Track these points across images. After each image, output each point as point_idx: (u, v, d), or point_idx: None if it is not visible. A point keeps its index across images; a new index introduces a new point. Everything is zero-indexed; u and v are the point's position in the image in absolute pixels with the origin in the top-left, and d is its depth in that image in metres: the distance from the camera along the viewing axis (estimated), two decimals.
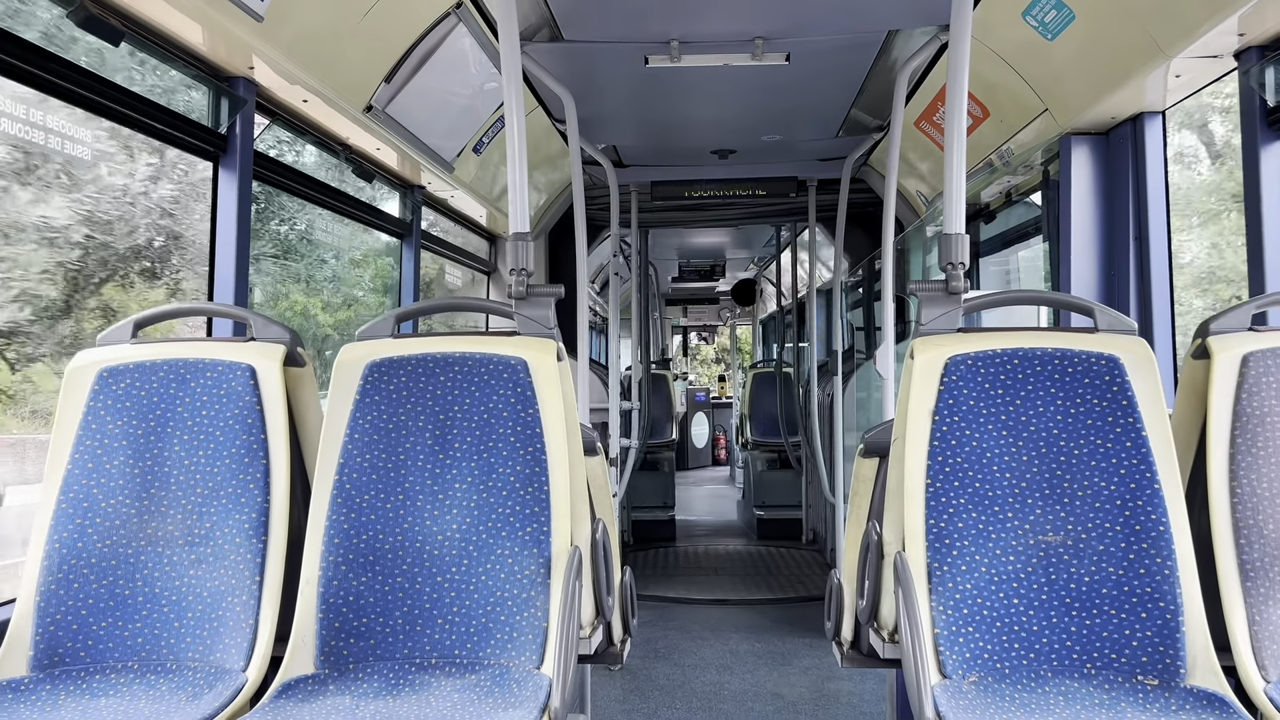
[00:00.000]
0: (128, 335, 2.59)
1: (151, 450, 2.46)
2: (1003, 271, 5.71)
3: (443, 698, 2.11)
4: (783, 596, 6.94)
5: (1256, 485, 2.27)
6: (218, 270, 3.34)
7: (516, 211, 2.69)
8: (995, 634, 2.20)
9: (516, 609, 2.30)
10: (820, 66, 4.77)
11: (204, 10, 2.78)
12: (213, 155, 3.32)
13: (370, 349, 2.51)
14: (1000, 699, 2.06)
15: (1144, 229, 4.02)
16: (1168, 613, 2.17)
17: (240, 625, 2.33)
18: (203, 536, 2.41)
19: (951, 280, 2.50)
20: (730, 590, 7.16)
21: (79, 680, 2.24)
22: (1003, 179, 5.03)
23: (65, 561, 2.38)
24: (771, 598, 6.91)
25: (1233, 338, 2.38)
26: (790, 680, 5.05)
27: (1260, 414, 2.30)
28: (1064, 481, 2.29)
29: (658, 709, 4.65)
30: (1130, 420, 2.29)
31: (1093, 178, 4.20)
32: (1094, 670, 2.17)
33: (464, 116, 4.76)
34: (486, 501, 2.38)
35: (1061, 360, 2.35)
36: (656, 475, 9.51)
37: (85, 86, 2.75)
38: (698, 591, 7.10)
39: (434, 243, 5.60)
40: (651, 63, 4.55)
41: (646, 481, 9.40)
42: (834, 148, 6.46)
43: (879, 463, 2.61)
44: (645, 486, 9.38)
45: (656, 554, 8.70)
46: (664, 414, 10.50)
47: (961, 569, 2.24)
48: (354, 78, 3.71)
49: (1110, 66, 3.62)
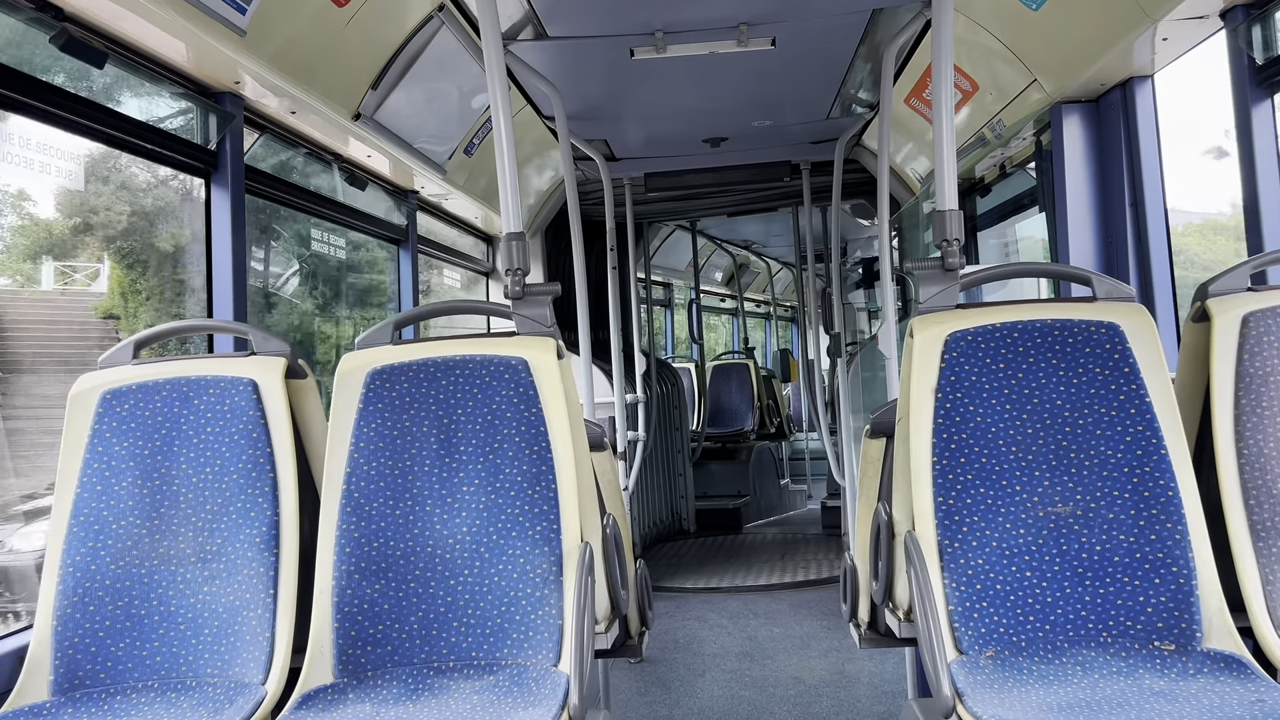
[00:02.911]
0: (129, 356, 2.60)
1: (159, 469, 2.47)
2: (1002, 244, 5.70)
3: (462, 700, 2.12)
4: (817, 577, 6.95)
5: (1263, 445, 2.27)
6: (215, 286, 3.35)
7: (509, 211, 2.68)
8: (1009, 608, 2.20)
9: (531, 608, 2.31)
10: (807, 49, 4.75)
11: (186, 28, 2.78)
12: (204, 172, 3.33)
13: (371, 357, 2.51)
14: (1018, 672, 2.06)
15: (1139, 195, 4.00)
16: (1181, 577, 2.17)
17: (257, 638, 2.34)
18: (214, 552, 2.41)
19: (947, 257, 2.49)
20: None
21: (100, 702, 2.25)
22: (996, 152, 5.02)
23: (80, 585, 2.38)
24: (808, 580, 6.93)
25: (1232, 299, 2.37)
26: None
27: (1263, 374, 2.30)
28: (1070, 452, 2.28)
29: (679, 699, 4.67)
30: (1133, 387, 2.28)
31: (1085, 146, 4.19)
32: (1110, 639, 2.17)
33: (454, 119, 4.76)
34: (495, 503, 2.38)
35: (1061, 331, 2.35)
36: (731, 465, 9.59)
37: (72, 110, 2.76)
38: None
39: (431, 247, 5.60)
40: (637, 54, 4.53)
41: (719, 470, 9.53)
42: (825, 130, 6.44)
43: (885, 443, 2.61)
44: (718, 475, 9.50)
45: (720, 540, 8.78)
46: (742, 402, 10.55)
47: (972, 545, 2.24)
48: (341, 86, 3.71)
49: (1097, 32, 3.61)
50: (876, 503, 2.58)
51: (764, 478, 10.11)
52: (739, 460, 9.81)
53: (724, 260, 13.01)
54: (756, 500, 9.76)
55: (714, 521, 9.30)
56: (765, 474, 10.18)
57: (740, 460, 9.80)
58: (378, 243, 5.22)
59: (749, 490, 9.66)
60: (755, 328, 16.73)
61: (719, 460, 9.91)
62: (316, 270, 5.44)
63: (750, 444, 10.19)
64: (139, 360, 2.60)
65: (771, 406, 11.55)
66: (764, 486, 10.05)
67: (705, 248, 12.19)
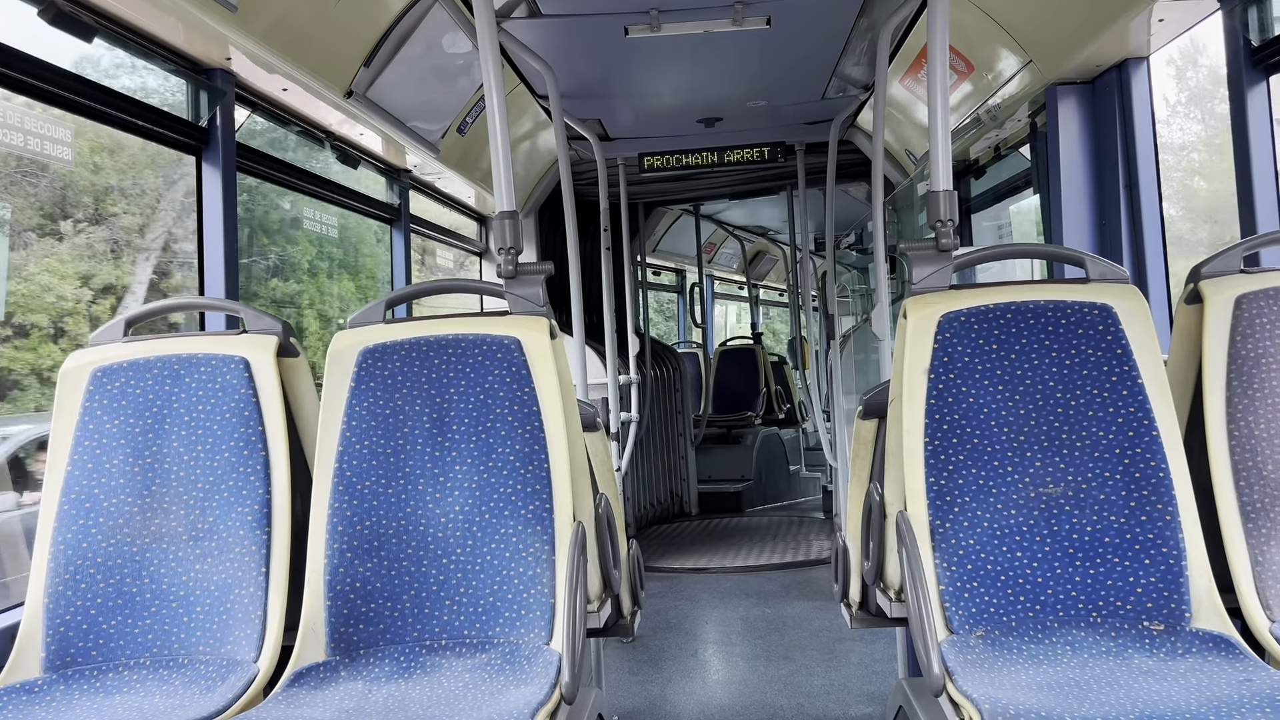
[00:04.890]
0: (120, 334, 2.59)
1: (150, 447, 2.46)
2: (995, 227, 5.70)
3: (454, 678, 2.13)
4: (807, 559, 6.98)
5: (1254, 427, 2.27)
6: (207, 264, 3.33)
7: (502, 190, 2.67)
8: (1000, 588, 2.21)
9: (523, 587, 2.31)
10: (801, 29, 4.73)
11: (178, 3, 2.76)
12: (195, 149, 3.31)
13: (363, 335, 2.50)
14: (1008, 652, 2.07)
15: (1134, 177, 4.00)
16: (1170, 558, 2.18)
17: (249, 616, 2.34)
18: (206, 530, 2.41)
19: (941, 238, 2.49)
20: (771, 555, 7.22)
21: (92, 679, 2.25)
22: (990, 133, 5.01)
23: (71, 562, 2.38)
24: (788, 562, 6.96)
25: (1225, 281, 2.38)
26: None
27: (1255, 356, 2.30)
28: (1062, 433, 2.29)
29: (671, 677, 4.69)
30: (1126, 369, 2.29)
31: (1080, 127, 4.18)
32: (1100, 619, 2.18)
33: (446, 98, 4.73)
34: (487, 482, 2.38)
35: (1055, 312, 2.35)
36: (735, 449, 9.67)
37: (62, 85, 2.73)
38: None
39: (424, 226, 5.58)
40: (631, 33, 4.51)
41: (722, 454, 9.64)
42: (820, 110, 6.42)
43: (878, 423, 2.61)
44: (721, 459, 9.61)
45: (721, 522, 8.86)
46: (748, 386, 10.56)
47: (964, 525, 2.25)
48: (333, 63, 3.68)
49: (1092, 13, 3.59)
50: (868, 483, 2.58)
51: (770, 463, 10.12)
52: (743, 445, 9.83)
53: (738, 247, 13.00)
54: (761, 485, 9.80)
55: (716, 505, 9.35)
56: (772, 459, 10.19)
57: (745, 445, 9.82)
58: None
59: (753, 475, 9.68)
60: (779, 318, 16.73)
61: (723, 444, 9.94)
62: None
63: (756, 429, 10.21)
64: (130, 338, 2.59)
65: (781, 392, 11.56)
66: (770, 472, 10.07)
67: (718, 235, 12.17)
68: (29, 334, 4.48)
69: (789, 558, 7.11)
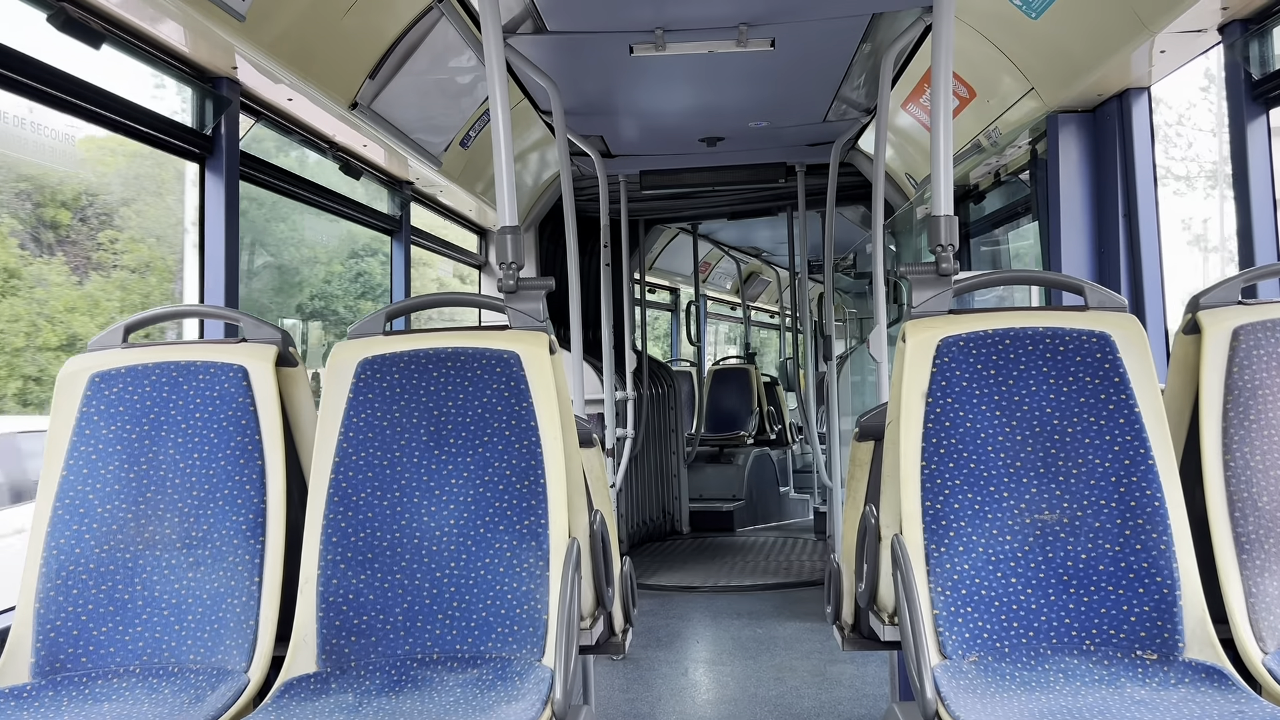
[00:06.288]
0: (118, 340, 2.59)
1: (146, 454, 2.46)
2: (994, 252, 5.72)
3: (445, 693, 2.12)
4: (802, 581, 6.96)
5: (1249, 458, 2.28)
6: (207, 272, 3.33)
7: (505, 205, 2.68)
8: (994, 614, 2.21)
9: (516, 602, 2.31)
10: (806, 51, 4.76)
11: (185, 11, 2.77)
12: (199, 157, 3.31)
13: (362, 347, 2.50)
14: (1000, 678, 2.07)
15: (1133, 206, 4.02)
16: (1164, 587, 2.18)
17: (241, 626, 2.33)
18: (200, 539, 2.41)
19: (941, 262, 2.50)
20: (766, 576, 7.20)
21: (81, 685, 2.24)
22: (991, 159, 5.03)
23: (63, 567, 2.37)
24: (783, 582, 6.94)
25: (1223, 311, 2.38)
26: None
27: (1252, 387, 2.31)
28: (1058, 460, 2.29)
29: (661, 696, 4.67)
30: (1123, 397, 2.29)
31: (1080, 156, 4.20)
32: (1093, 647, 2.18)
33: (450, 111, 4.75)
34: (483, 496, 2.38)
35: (1053, 339, 2.35)
36: (727, 469, 9.68)
37: (68, 90, 2.74)
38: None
39: (424, 238, 5.59)
40: (636, 51, 4.53)
41: (715, 473, 9.65)
42: (822, 132, 6.44)
43: (874, 446, 2.61)
44: (713, 478, 9.63)
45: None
46: (741, 406, 10.55)
47: (959, 550, 2.25)
48: (338, 75, 3.69)
49: (1095, 43, 3.62)
50: (863, 505, 2.58)
51: (762, 483, 10.12)
52: (735, 464, 9.83)
53: (733, 267, 13.01)
54: (752, 505, 9.79)
55: (708, 523, 9.33)
56: (763, 480, 10.19)
57: (737, 464, 9.82)
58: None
59: (744, 494, 9.67)
60: (767, 340, 16.73)
61: (715, 464, 9.94)
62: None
63: (748, 449, 10.21)
64: (129, 344, 2.59)
65: (773, 413, 11.56)
66: (761, 492, 10.07)
67: (713, 254, 12.19)
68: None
69: (781, 578, 7.09)
